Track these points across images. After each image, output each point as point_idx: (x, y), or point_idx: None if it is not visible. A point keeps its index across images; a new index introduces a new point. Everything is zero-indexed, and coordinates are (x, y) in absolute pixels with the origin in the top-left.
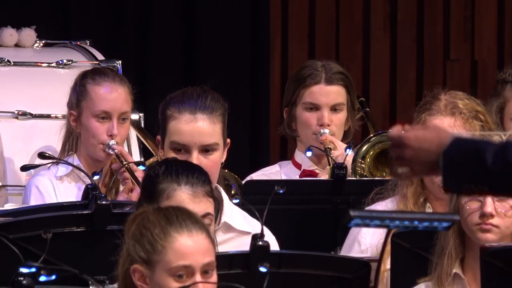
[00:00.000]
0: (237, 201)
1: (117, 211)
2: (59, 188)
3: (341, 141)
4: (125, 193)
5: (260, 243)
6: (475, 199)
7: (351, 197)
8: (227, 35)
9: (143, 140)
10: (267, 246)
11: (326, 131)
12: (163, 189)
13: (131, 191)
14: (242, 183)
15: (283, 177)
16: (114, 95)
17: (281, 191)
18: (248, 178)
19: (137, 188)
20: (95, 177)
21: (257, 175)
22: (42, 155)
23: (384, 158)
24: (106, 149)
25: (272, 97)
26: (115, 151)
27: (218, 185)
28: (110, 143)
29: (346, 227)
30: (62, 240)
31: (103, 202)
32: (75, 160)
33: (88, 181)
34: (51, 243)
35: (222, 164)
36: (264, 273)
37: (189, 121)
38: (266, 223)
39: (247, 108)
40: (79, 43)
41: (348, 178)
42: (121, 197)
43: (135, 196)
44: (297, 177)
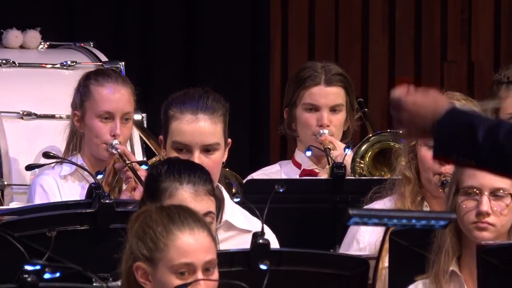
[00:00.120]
0: (238, 199)
1: (120, 210)
2: (63, 187)
3: (340, 141)
4: (128, 191)
5: (261, 241)
6: (471, 198)
7: (350, 196)
8: (228, 37)
9: (145, 140)
10: (267, 244)
11: (326, 131)
12: (165, 188)
13: (133, 189)
14: (243, 181)
15: (283, 176)
16: (117, 96)
17: (281, 190)
18: (249, 177)
19: (139, 186)
20: (99, 176)
21: (257, 175)
22: (46, 154)
23: (382, 157)
24: (109, 149)
25: (272, 98)
26: (118, 150)
27: (220, 184)
28: (113, 142)
29: (345, 225)
30: (66, 238)
31: (107, 201)
32: (79, 159)
33: (92, 180)
34: (55, 241)
35: (223, 163)
36: (264, 271)
37: (191, 121)
38: (267, 221)
39: (247, 108)
40: (83, 44)
41: (347, 178)
42: (124, 196)
43: (137, 194)
44: (297, 176)
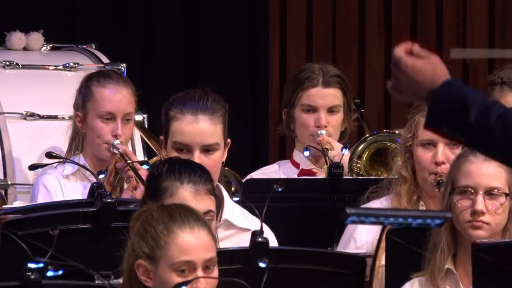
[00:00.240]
0: (237, 199)
1: (121, 209)
2: (66, 186)
3: (337, 142)
4: (129, 190)
5: (260, 239)
6: (466, 198)
7: (347, 195)
8: (228, 40)
9: (146, 140)
10: (266, 242)
11: (323, 132)
12: (166, 187)
13: (135, 188)
14: (242, 180)
15: (282, 176)
16: (118, 97)
17: (280, 189)
18: (248, 177)
19: (140, 186)
20: (101, 176)
21: (256, 174)
22: (49, 154)
23: (379, 157)
24: (111, 149)
25: (271, 99)
26: (119, 150)
27: (219, 184)
28: (114, 142)
29: (342, 224)
30: (69, 237)
31: (108, 200)
32: (81, 159)
33: (94, 180)
34: (58, 240)
35: (223, 163)
36: (263, 269)
37: (191, 122)
38: (266, 220)
39: (247, 109)
40: (85, 46)
41: (345, 177)
42: (125, 195)
43: (139, 193)
44: (296, 176)
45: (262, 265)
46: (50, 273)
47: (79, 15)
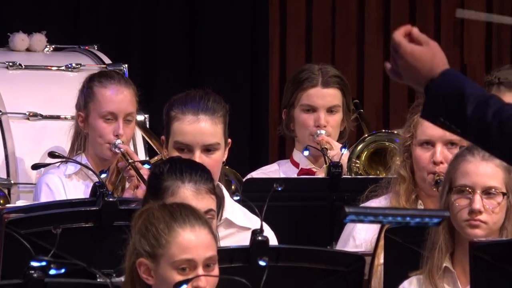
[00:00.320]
0: (237, 198)
1: (123, 208)
2: (68, 185)
3: (336, 141)
4: (131, 189)
5: (260, 238)
6: (464, 197)
7: (346, 194)
8: (229, 41)
9: (148, 140)
10: (266, 241)
11: (323, 132)
12: (167, 186)
13: (136, 187)
14: (241, 177)
15: (282, 175)
16: (119, 97)
17: (279, 189)
18: (248, 176)
19: (142, 185)
20: (103, 175)
21: (256, 174)
22: (52, 154)
23: (378, 157)
24: (113, 148)
25: (271, 99)
26: (121, 150)
27: (220, 183)
28: (116, 142)
29: (341, 223)
30: (71, 235)
31: (110, 199)
32: (83, 159)
33: (96, 179)
34: (60, 238)
35: (224, 162)
36: (263, 267)
37: (192, 122)
38: (265, 219)
39: (247, 109)
40: (87, 47)
41: (344, 176)
42: (127, 194)
43: (140, 192)
44: (295, 175)
45: (262, 263)
46: (52, 272)
47: (82, 17)
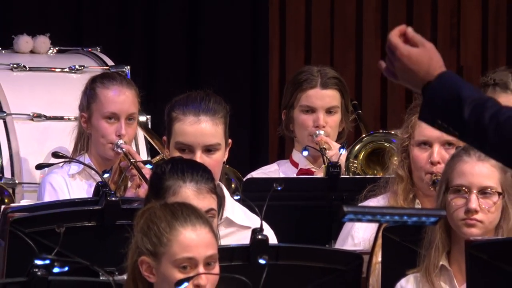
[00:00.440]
0: (238, 197)
1: (125, 207)
2: (72, 185)
3: (335, 142)
4: (133, 188)
5: (260, 237)
6: (460, 196)
7: (344, 193)
8: (229, 44)
9: (150, 140)
10: (266, 239)
11: (322, 132)
12: (169, 186)
13: (138, 186)
14: (241, 176)
15: (281, 175)
16: (121, 98)
17: (279, 188)
18: (248, 176)
19: (144, 184)
20: (105, 175)
21: (256, 173)
22: (55, 154)
23: (375, 157)
24: (115, 148)
25: (271, 100)
26: (123, 149)
27: (220, 183)
28: (118, 142)
29: (340, 222)
30: (74, 234)
31: (113, 199)
32: (86, 159)
33: (99, 179)
34: (64, 237)
35: (224, 163)
36: (263, 265)
37: (193, 123)
38: (265, 218)
39: (247, 110)
40: (90, 49)
41: (342, 176)
42: (129, 193)
43: (142, 191)
44: (294, 175)
45: (262, 261)
46: (56, 270)
47: (85, 19)
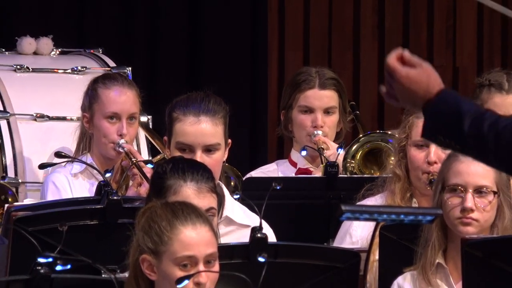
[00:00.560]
0: (237, 196)
1: (127, 206)
2: (74, 184)
3: (333, 142)
4: (134, 187)
5: (259, 235)
6: (456, 195)
7: (342, 192)
8: (229, 45)
9: (151, 140)
10: (265, 238)
11: (320, 132)
12: (170, 185)
13: (139, 185)
14: (239, 173)
15: (280, 174)
16: (123, 98)
17: (278, 188)
18: (248, 175)
19: (145, 183)
20: (107, 175)
21: (256, 173)
22: (58, 154)
23: (372, 156)
24: (117, 148)
25: (270, 101)
26: (124, 149)
27: (220, 182)
28: (120, 142)
29: (338, 220)
30: (77, 233)
31: (115, 198)
32: (88, 158)
33: (101, 178)
34: (66, 235)
35: (224, 162)
36: (262, 263)
37: (193, 123)
38: (265, 217)
39: (247, 110)
40: (92, 51)
41: (340, 176)
42: (130, 191)
43: (143, 190)
44: (293, 174)
45: (261, 259)
46: (59, 268)
47: (87, 21)
